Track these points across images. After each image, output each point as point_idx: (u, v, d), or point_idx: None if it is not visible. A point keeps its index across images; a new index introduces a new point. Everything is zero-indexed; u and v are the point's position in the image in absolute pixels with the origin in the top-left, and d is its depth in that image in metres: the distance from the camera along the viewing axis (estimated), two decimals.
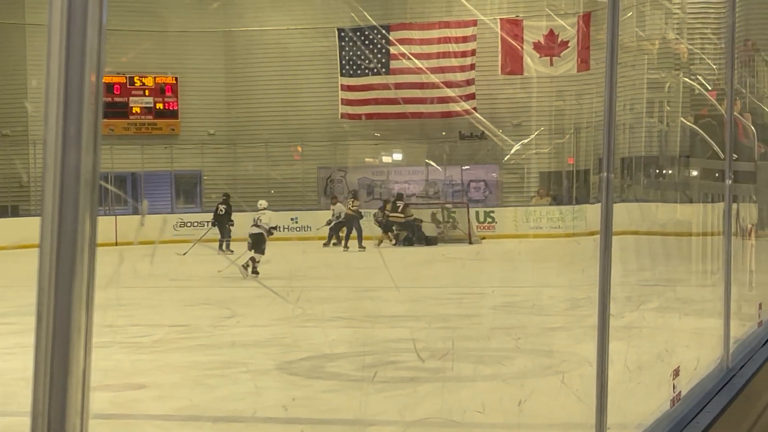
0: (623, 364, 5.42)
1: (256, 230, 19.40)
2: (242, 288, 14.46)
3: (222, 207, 27.78)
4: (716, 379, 6.47)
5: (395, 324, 12.06)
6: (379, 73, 37.11)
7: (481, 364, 8.97)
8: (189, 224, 33.53)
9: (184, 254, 22.46)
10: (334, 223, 29.84)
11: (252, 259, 19.02)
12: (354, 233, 28.77)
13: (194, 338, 11.46)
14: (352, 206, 29.76)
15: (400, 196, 31.78)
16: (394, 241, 29.91)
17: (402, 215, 30.15)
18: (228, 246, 26.27)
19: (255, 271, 18.88)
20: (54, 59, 1.32)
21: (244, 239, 19.96)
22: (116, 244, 24.53)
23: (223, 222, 27.37)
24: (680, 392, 5.60)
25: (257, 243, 19.23)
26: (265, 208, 20.17)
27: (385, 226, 30.29)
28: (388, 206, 30.74)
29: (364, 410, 7.28)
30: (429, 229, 31.12)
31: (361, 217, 29.60)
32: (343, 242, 29.02)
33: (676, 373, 5.55)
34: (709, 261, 9.01)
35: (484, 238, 31.50)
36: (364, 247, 27.65)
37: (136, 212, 31.95)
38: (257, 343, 10.86)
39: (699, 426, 5.22)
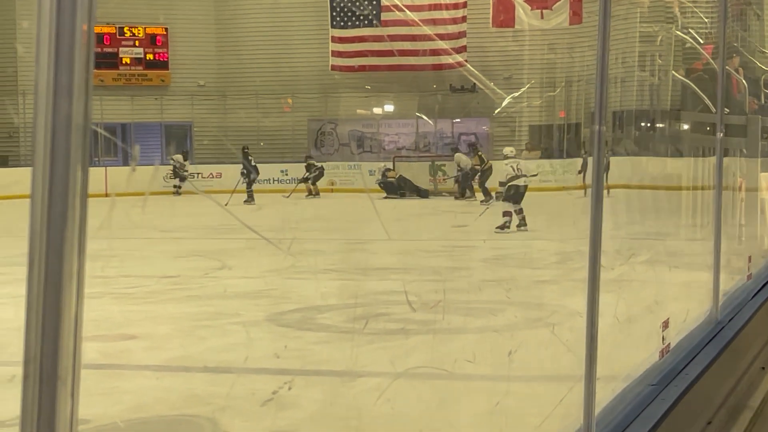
0: (613, 316, 5.44)
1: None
2: (232, 240, 14.45)
3: None
4: (705, 332, 6.51)
5: (386, 276, 12.09)
6: (370, 25, 36.92)
7: (471, 315, 9.00)
8: None
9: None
10: (461, 175, 28.87)
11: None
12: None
13: (185, 289, 11.48)
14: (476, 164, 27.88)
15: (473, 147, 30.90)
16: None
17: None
18: None
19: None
20: (45, 7, 1.31)
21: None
22: (106, 195, 24.51)
23: None
24: (669, 344, 5.63)
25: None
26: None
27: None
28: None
29: (355, 361, 7.31)
30: (423, 183, 31.17)
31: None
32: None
33: (666, 325, 5.58)
34: (699, 215, 9.03)
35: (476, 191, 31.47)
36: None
37: (126, 164, 31.82)
38: (248, 295, 10.88)
39: (688, 377, 5.25)
